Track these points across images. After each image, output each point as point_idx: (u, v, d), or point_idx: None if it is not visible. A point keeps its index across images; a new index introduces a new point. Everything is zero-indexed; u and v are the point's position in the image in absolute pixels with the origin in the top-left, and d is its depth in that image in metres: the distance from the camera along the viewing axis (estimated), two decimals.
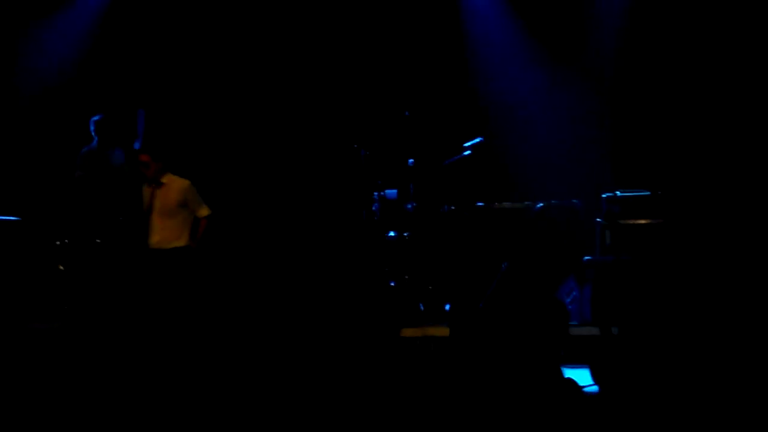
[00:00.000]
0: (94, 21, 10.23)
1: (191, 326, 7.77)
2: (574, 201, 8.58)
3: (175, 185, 8.44)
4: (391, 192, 8.84)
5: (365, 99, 10.06)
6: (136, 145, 9.13)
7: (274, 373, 6.43)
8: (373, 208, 8.77)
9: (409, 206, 8.69)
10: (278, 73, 10.20)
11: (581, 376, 6.12)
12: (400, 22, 10.09)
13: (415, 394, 5.92)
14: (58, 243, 8.90)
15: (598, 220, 8.65)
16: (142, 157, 8.36)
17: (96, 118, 9.20)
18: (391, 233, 8.73)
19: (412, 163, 8.82)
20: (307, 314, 8.05)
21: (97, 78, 10.18)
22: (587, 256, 8.76)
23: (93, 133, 9.19)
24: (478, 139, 8.46)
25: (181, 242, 8.40)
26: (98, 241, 8.85)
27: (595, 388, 6.02)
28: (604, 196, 8.56)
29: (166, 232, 8.34)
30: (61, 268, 8.72)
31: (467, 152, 8.46)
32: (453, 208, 8.63)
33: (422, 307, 8.45)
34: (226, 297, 8.83)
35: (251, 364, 6.70)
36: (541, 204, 8.80)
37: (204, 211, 8.48)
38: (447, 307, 8.46)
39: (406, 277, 8.53)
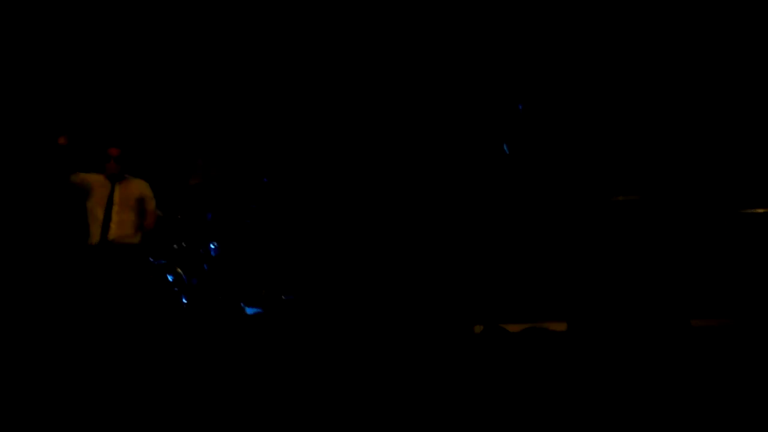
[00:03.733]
0: None
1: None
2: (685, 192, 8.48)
3: (136, 181, 8.40)
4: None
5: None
6: None
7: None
8: (486, 203, 8.77)
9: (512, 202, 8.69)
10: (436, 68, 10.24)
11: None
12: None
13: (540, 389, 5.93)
14: (175, 247, 9.04)
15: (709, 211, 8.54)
16: (113, 151, 8.25)
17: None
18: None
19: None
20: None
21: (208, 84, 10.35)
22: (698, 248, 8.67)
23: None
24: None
25: (137, 239, 8.32)
26: (218, 243, 9.00)
27: None
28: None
29: (124, 228, 8.25)
30: (179, 271, 8.83)
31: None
32: (570, 201, 8.58)
33: (535, 302, 8.43)
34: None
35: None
36: (653, 196, 8.74)
37: (154, 206, 8.42)
38: (562, 302, 8.43)
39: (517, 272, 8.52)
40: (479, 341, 7.40)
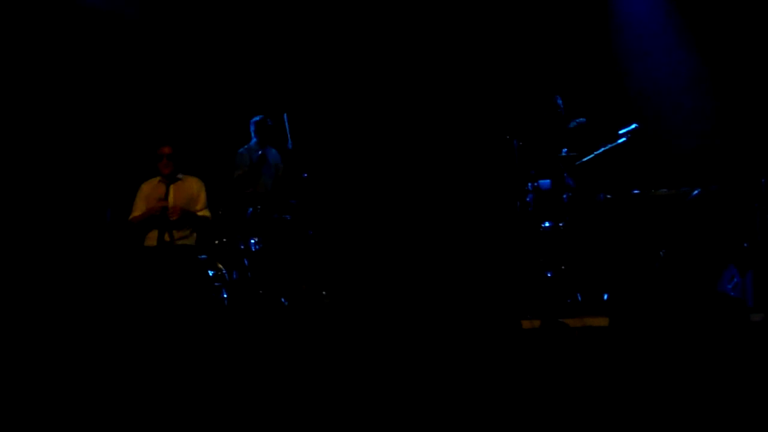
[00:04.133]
0: None
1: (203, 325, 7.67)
2: (732, 185, 8.40)
3: (190, 181, 8.44)
4: (545, 182, 8.77)
5: (516, 88, 10.03)
6: (289, 145, 9.25)
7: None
8: (528, 199, 8.73)
9: (564, 196, 8.62)
10: (426, 63, 10.25)
11: None
12: (548, 8, 10.04)
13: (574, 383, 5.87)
14: (216, 242, 9.05)
15: (756, 204, 8.43)
16: (165, 150, 8.28)
17: (256, 119, 9.40)
18: (546, 223, 8.67)
19: (565, 152, 8.75)
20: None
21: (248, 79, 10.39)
22: (747, 241, 8.56)
23: (252, 134, 9.40)
24: (633, 126, 8.33)
25: (191, 240, 8.35)
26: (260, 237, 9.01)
27: None
28: (763, 180, 8.33)
29: (180, 229, 8.25)
30: (220, 266, 8.85)
31: (622, 139, 8.34)
32: (609, 196, 8.52)
33: (580, 297, 8.37)
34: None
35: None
36: (699, 189, 8.65)
37: (206, 212, 8.45)
38: (606, 296, 8.37)
39: (563, 267, 8.46)
40: (539, 336, 7.37)
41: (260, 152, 9.20)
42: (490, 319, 7.45)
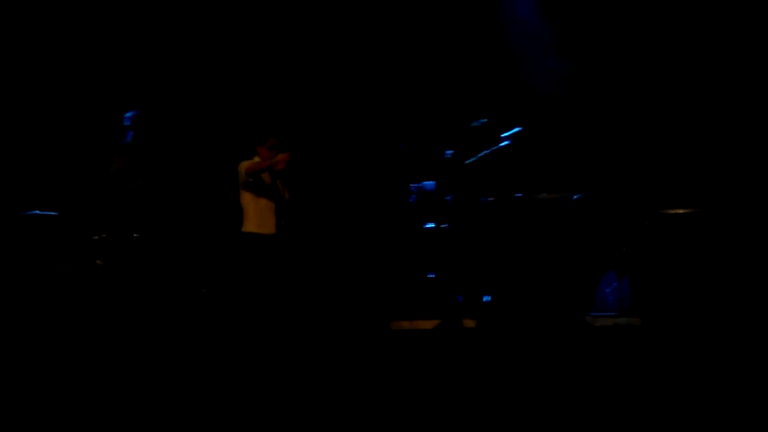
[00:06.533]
0: None
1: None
2: (612, 191, 8.56)
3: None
4: (429, 183, 8.79)
5: (401, 90, 10.03)
6: None
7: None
8: (411, 200, 8.73)
9: (448, 198, 8.65)
10: (313, 65, 10.20)
11: None
12: (435, 10, 10.06)
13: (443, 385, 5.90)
14: (95, 238, 8.90)
15: (635, 210, 8.60)
16: (273, 141, 8.12)
17: (130, 113, 9.23)
18: (429, 225, 8.70)
19: (450, 154, 8.78)
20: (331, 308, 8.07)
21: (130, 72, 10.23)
22: (626, 246, 8.72)
23: (128, 128, 9.22)
24: (516, 129, 8.40)
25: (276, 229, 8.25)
26: (136, 235, 8.86)
27: None
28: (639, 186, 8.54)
29: (275, 217, 8.16)
30: (99, 262, 8.69)
31: (506, 142, 8.41)
32: (492, 199, 8.58)
33: (461, 299, 8.41)
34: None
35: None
36: (579, 195, 8.77)
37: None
38: (486, 298, 8.43)
39: (445, 268, 8.49)
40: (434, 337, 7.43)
41: (147, 150, 9.10)
42: (359, 319, 7.46)
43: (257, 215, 8.06)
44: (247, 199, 8.09)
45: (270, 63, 10.27)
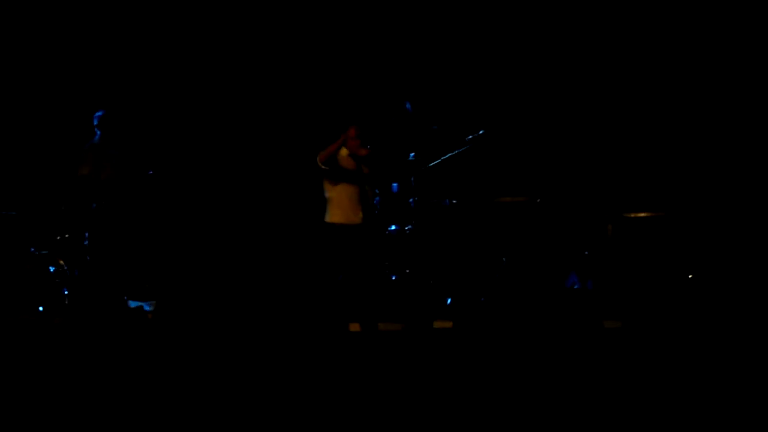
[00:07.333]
0: None
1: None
2: (574, 195, 8.61)
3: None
4: (392, 186, 8.80)
5: (365, 91, 10.04)
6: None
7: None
8: (375, 202, 8.74)
9: (411, 200, 8.67)
10: (276, 67, 10.18)
11: None
12: (402, 11, 10.07)
13: (418, 386, 5.91)
14: (58, 238, 8.85)
15: (598, 214, 8.67)
16: (355, 130, 7.85)
17: (99, 113, 9.19)
18: (393, 227, 8.71)
19: (413, 156, 8.80)
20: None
21: (92, 73, 10.18)
22: (588, 250, 8.79)
23: (95, 128, 9.18)
24: (480, 132, 8.44)
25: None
26: (101, 234, 8.83)
27: None
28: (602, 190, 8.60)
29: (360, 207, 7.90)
30: (62, 263, 8.64)
31: (468, 145, 8.44)
32: (454, 201, 8.61)
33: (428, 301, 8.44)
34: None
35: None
36: (541, 198, 8.83)
37: None
38: (449, 301, 8.46)
39: (408, 271, 8.51)
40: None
41: (113, 151, 9.07)
42: (313, 322, 7.45)
43: (339, 205, 7.77)
44: (328, 189, 7.84)
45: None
